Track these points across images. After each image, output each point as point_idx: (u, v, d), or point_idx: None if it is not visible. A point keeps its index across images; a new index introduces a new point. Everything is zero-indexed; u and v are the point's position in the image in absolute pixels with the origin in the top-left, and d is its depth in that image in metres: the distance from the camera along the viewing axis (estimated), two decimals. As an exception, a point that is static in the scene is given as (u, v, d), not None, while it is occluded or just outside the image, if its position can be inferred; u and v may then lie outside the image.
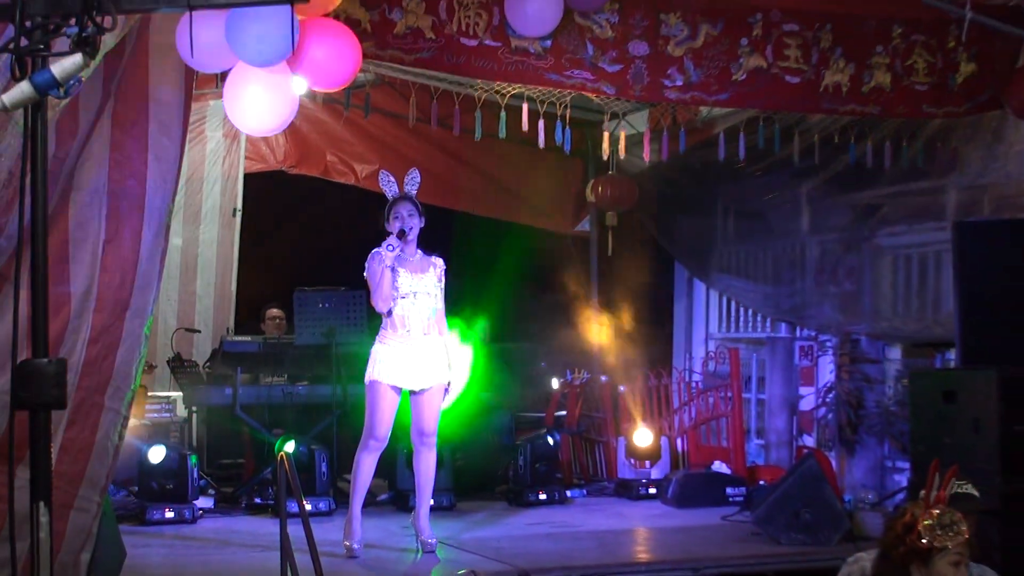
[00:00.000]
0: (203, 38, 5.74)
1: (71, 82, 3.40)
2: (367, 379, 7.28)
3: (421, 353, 7.28)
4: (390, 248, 7.10)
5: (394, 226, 7.19)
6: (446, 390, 7.44)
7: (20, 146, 3.88)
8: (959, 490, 4.64)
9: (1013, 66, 8.01)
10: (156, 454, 8.20)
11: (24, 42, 3.41)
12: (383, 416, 7.24)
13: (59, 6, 3.45)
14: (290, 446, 8.37)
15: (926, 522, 4.32)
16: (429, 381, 7.31)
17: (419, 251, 7.36)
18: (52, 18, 3.42)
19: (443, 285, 7.41)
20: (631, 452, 9.99)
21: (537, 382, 11.27)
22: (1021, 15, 7.84)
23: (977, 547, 4.43)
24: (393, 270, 7.15)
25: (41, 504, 3.34)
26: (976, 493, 6.69)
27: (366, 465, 7.34)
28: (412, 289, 7.24)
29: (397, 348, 7.24)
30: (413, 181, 7.33)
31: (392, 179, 7.32)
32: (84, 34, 3.42)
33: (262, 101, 6.09)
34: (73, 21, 3.42)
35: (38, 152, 3.42)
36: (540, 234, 12.34)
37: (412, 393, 7.31)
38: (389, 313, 7.25)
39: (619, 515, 9.13)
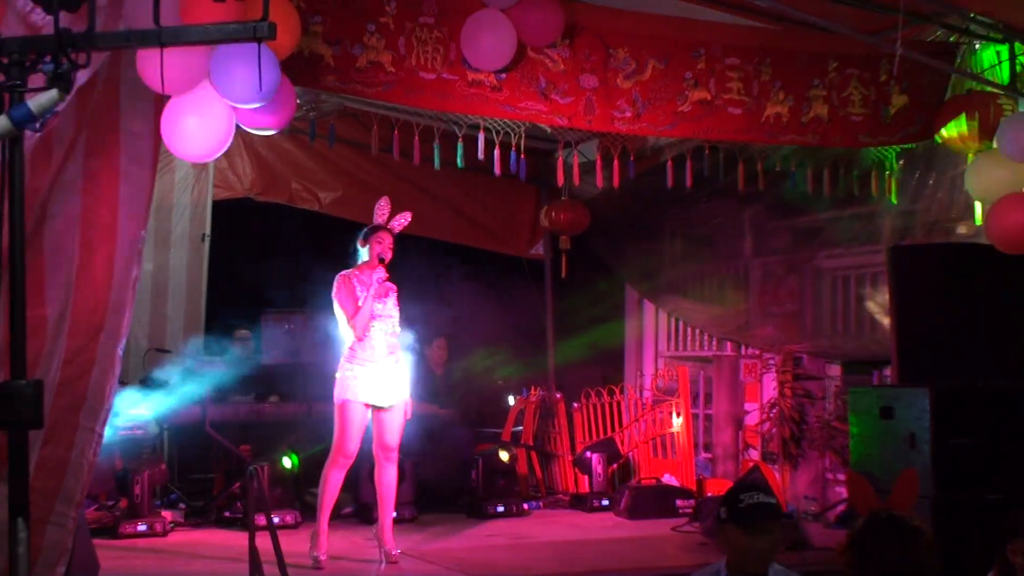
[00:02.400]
0: (173, 68, 5.65)
1: (46, 115, 3.44)
2: (338, 399, 7.32)
3: (387, 372, 7.38)
4: (379, 281, 7.26)
5: (372, 248, 7.40)
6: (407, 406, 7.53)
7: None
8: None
9: (942, 98, 8.14)
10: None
11: (1, 78, 3.44)
12: (353, 434, 7.29)
13: (36, 44, 3.48)
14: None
15: None
16: (394, 398, 7.39)
17: None
18: (28, 55, 3.45)
19: (398, 308, 7.55)
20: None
21: (495, 399, 11.30)
22: (949, 51, 7.99)
23: None
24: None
25: (19, 519, 3.36)
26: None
27: (334, 480, 7.39)
28: (379, 313, 7.36)
29: (367, 368, 7.31)
30: (400, 224, 7.55)
31: (387, 211, 7.52)
32: (60, 70, 3.45)
33: (199, 129, 5.81)
34: (49, 58, 3.45)
35: (16, 183, 3.45)
36: (497, 258, 12.36)
37: (377, 410, 7.36)
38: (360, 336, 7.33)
39: (574, 526, 9.17)
